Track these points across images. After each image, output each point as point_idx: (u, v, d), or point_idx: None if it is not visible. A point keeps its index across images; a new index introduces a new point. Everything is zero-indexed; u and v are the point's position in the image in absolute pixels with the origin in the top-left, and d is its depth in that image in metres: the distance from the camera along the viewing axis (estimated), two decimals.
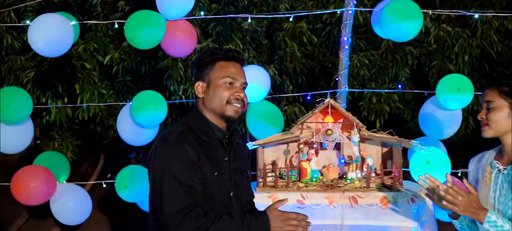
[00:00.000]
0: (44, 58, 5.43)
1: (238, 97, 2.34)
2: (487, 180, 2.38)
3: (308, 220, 2.30)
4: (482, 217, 2.22)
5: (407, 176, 3.52)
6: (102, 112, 5.47)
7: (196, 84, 2.38)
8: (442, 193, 2.23)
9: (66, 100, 5.49)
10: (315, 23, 5.94)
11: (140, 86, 5.66)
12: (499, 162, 2.38)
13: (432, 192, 2.31)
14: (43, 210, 6.89)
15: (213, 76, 2.35)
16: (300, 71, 5.74)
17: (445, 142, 3.84)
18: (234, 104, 2.33)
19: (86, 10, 5.53)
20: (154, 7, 4.69)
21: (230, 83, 2.34)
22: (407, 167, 3.51)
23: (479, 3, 5.92)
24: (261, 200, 2.90)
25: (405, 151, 3.42)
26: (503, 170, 2.33)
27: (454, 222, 2.47)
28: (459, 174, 3.74)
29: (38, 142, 6.31)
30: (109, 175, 6.51)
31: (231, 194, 2.32)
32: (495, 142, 2.45)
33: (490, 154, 2.47)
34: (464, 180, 2.29)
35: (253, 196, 2.57)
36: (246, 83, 2.42)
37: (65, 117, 5.44)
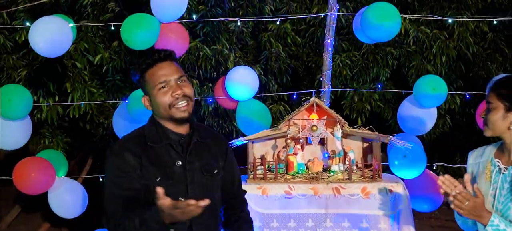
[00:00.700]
0: (35, 57, 5.65)
1: (177, 95, 2.32)
2: (487, 178, 2.48)
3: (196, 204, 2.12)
4: (485, 220, 2.32)
5: (386, 169, 3.83)
6: (92, 110, 5.70)
7: (142, 99, 2.44)
8: (451, 198, 2.31)
9: (57, 98, 5.70)
10: (299, 24, 6.24)
11: (129, 85, 5.89)
12: (499, 161, 2.47)
13: (446, 195, 2.36)
14: (33, 208, 7.12)
15: (148, 87, 2.37)
16: (285, 70, 6.03)
17: (423, 138, 4.16)
18: (178, 104, 2.32)
19: (76, 11, 5.75)
20: (143, 9, 4.96)
21: (163, 86, 2.33)
22: (387, 161, 3.81)
23: (456, 6, 6.26)
24: (252, 191, 3.18)
25: (384, 146, 3.72)
26: (504, 170, 2.43)
27: (460, 217, 2.56)
28: (434, 168, 4.06)
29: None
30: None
31: (182, 198, 2.21)
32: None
33: (490, 150, 2.57)
34: (475, 186, 2.37)
35: (234, 190, 2.62)
36: (182, 75, 2.38)
37: (56, 115, 5.66)
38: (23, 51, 5.72)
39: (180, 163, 2.35)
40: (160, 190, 2.06)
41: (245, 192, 2.68)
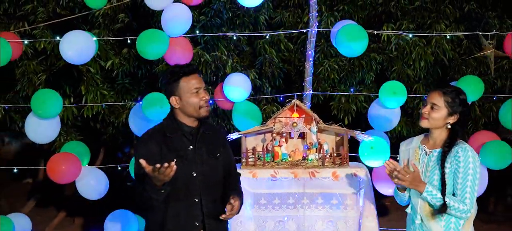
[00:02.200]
0: (53, 63, 6.72)
1: (205, 100, 3.38)
2: (416, 159, 3.54)
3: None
4: (421, 188, 3.32)
5: (357, 158, 4.88)
6: (104, 111, 6.76)
7: (171, 99, 3.39)
8: (395, 173, 3.31)
9: (72, 100, 6.77)
10: (291, 30, 7.31)
11: (137, 88, 6.99)
12: (425, 146, 3.55)
13: (390, 173, 3.35)
14: (47, 201, 8.20)
15: (182, 91, 3.34)
16: (278, 74, 7.09)
17: (391, 133, 5.20)
18: (204, 107, 3.39)
19: (89, 21, 6.82)
20: (149, 19, 6.04)
21: (196, 92, 3.36)
22: (358, 152, 4.87)
23: (435, 15, 7.31)
24: (245, 175, 4.24)
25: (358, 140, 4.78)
26: (429, 153, 3.49)
27: (401, 194, 3.62)
28: (398, 158, 5.10)
29: None
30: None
31: (194, 173, 3.33)
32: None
33: (417, 139, 3.64)
34: (412, 162, 3.43)
35: (230, 170, 3.60)
36: (205, 86, 3.44)
37: (71, 114, 6.73)
38: (41, 57, 6.80)
39: (191, 147, 3.40)
40: (143, 162, 3.00)
41: (239, 174, 3.74)
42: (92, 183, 4.98)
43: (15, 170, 5.78)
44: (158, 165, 2.99)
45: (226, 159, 3.60)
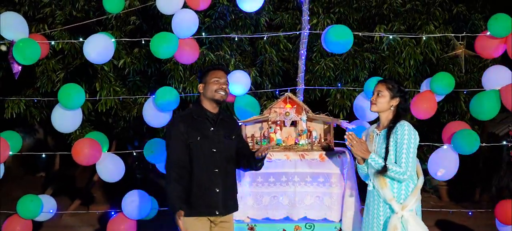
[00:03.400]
0: (70, 62, 7.76)
1: (221, 88, 4.43)
2: (371, 140, 4.67)
3: None
4: (367, 155, 4.44)
5: (344, 145, 5.86)
6: (116, 105, 7.78)
7: (199, 86, 4.54)
8: (348, 140, 4.49)
9: (87, 95, 7.78)
10: (291, 31, 8.29)
11: (147, 85, 8.02)
12: (377, 130, 4.67)
13: (350, 144, 4.52)
14: (62, 191, 9.21)
15: (207, 79, 4.48)
16: (277, 72, 8.09)
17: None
18: (220, 92, 4.42)
19: (103, 23, 7.83)
20: (158, 21, 7.01)
21: (216, 81, 4.45)
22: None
23: (426, 17, 8.28)
24: None
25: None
26: (379, 133, 4.61)
27: (359, 166, 4.71)
28: None
29: None
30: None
31: (214, 150, 4.40)
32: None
33: (373, 127, 4.78)
34: (354, 135, 4.52)
35: (245, 148, 4.71)
36: (227, 81, 4.52)
37: (87, 109, 7.75)
38: (59, 56, 7.82)
39: (212, 129, 4.47)
40: (180, 214, 4.17)
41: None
42: (110, 166, 5.99)
43: (43, 155, 6.78)
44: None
45: (241, 140, 4.78)
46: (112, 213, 6.22)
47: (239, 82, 5.94)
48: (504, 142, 8.09)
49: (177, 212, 4.16)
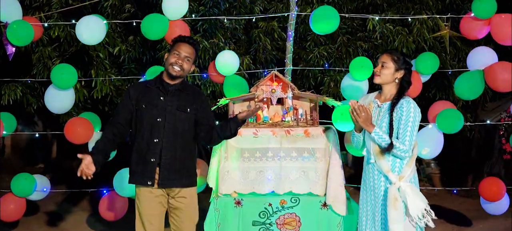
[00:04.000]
0: (66, 49, 7.99)
1: (177, 62, 4.51)
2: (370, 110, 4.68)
3: None
4: (371, 129, 4.36)
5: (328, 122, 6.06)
6: (112, 93, 8.00)
7: (165, 55, 4.66)
8: (354, 110, 4.46)
9: (83, 83, 8.02)
10: (285, 22, 8.49)
11: (142, 72, 8.23)
12: (378, 100, 4.68)
13: (352, 110, 4.47)
14: (60, 180, 9.41)
15: (171, 49, 4.58)
16: (271, 60, 8.30)
17: None
18: (174, 67, 4.51)
19: (98, 10, 8.07)
20: (153, 8, 7.23)
21: (177, 55, 4.53)
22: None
23: (419, 6, 8.47)
24: None
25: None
26: (380, 105, 4.62)
27: (357, 134, 4.73)
28: None
29: None
30: None
31: (159, 119, 4.46)
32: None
33: (372, 95, 4.79)
34: (365, 106, 4.49)
35: (207, 120, 4.70)
36: (189, 56, 4.57)
37: (82, 96, 7.98)
38: (55, 44, 8.06)
39: (162, 98, 4.55)
40: (80, 155, 4.38)
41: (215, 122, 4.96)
42: None
43: (37, 135, 7.02)
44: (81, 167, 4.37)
45: (204, 113, 4.72)
46: (104, 191, 6.43)
47: (228, 62, 6.16)
48: (488, 121, 8.26)
49: (78, 155, 4.35)
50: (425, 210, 4.39)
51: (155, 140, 4.48)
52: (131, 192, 6.18)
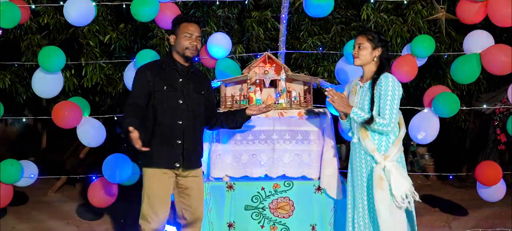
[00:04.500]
0: (55, 37, 7.81)
1: (192, 45, 4.46)
2: (354, 93, 4.70)
3: None
4: (349, 110, 4.48)
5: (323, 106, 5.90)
6: (102, 81, 7.83)
7: (170, 37, 4.54)
8: (329, 96, 4.50)
9: (73, 71, 7.84)
10: (278, 11, 8.34)
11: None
12: (360, 82, 4.70)
13: (331, 99, 4.55)
14: (50, 172, 9.23)
15: (179, 31, 4.47)
16: (264, 49, 8.13)
17: None
18: (190, 49, 4.45)
19: None
20: None
21: (188, 37, 4.44)
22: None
23: None
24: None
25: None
26: (362, 85, 4.63)
27: (342, 121, 4.78)
28: None
29: None
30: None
31: (180, 101, 4.43)
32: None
33: (355, 79, 4.82)
34: (344, 93, 4.61)
35: (211, 105, 4.82)
36: (200, 36, 4.52)
37: (72, 85, 7.79)
38: (45, 32, 7.88)
39: (181, 80, 4.53)
40: (131, 128, 4.02)
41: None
42: (91, 131, 6.01)
43: (24, 120, 6.80)
44: (137, 142, 4.04)
45: (210, 98, 4.80)
46: (93, 178, 6.24)
47: (220, 45, 5.98)
48: (485, 106, 8.14)
49: (129, 128, 4.03)
50: (410, 191, 4.37)
51: (179, 122, 4.46)
52: (120, 179, 5.99)
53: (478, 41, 5.84)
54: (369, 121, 4.40)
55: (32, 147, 11.05)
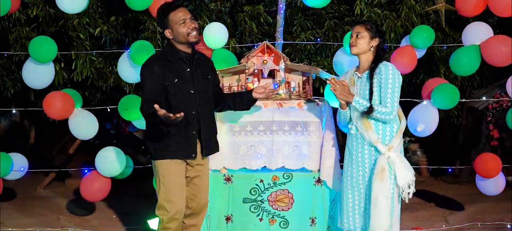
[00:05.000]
0: (44, 29, 7.59)
1: (191, 27, 4.32)
2: (352, 84, 4.62)
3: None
4: (350, 99, 4.42)
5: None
6: (93, 75, 7.61)
7: (165, 32, 4.38)
8: (331, 84, 4.41)
9: (63, 64, 7.62)
10: (270, 6, 8.20)
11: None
12: (357, 72, 4.64)
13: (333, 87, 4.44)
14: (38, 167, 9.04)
15: (172, 23, 4.31)
16: (257, 42, 7.98)
17: None
18: (192, 33, 4.32)
19: None
20: None
21: (184, 23, 4.31)
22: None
23: None
24: None
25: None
26: (360, 76, 4.57)
27: (342, 111, 4.64)
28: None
29: None
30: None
31: (192, 91, 4.35)
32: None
33: (352, 69, 4.76)
34: (345, 81, 4.50)
35: (217, 87, 4.77)
36: (191, 16, 4.37)
37: (62, 78, 7.57)
38: (34, 25, 7.66)
39: (188, 70, 4.41)
40: (157, 106, 3.89)
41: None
42: (83, 123, 5.83)
43: (13, 112, 6.59)
44: (170, 114, 3.93)
45: (215, 81, 4.75)
46: (86, 171, 6.05)
47: (216, 35, 5.82)
48: (484, 98, 8.08)
49: (154, 107, 3.92)
50: (412, 182, 4.41)
51: (193, 113, 4.39)
52: (114, 172, 5.81)
53: (477, 33, 5.76)
54: (370, 110, 4.34)
55: (20, 143, 10.83)
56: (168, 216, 4.39)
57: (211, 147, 4.57)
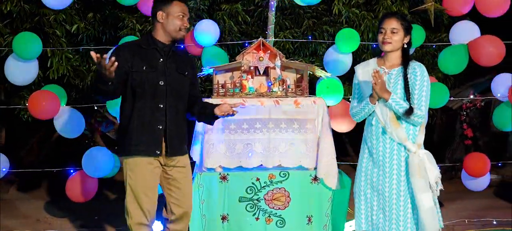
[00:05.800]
0: (19, 26, 7.30)
1: (184, 26, 4.15)
2: None
3: None
4: (387, 96, 4.12)
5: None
6: (69, 73, 7.36)
7: (158, 13, 4.09)
8: (374, 78, 4.10)
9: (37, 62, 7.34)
10: (249, 5, 8.11)
11: (101, 52, 7.62)
12: (383, 67, 4.37)
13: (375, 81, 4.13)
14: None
15: (171, 10, 4.09)
16: (237, 45, 7.88)
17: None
18: (183, 31, 4.15)
19: None
20: None
21: (182, 17, 4.13)
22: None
23: None
24: (217, 103, 4.98)
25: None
26: (388, 72, 4.31)
27: (371, 105, 4.29)
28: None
29: None
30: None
31: (162, 82, 4.06)
32: None
33: (373, 61, 4.47)
34: (380, 74, 4.19)
35: (195, 88, 4.46)
36: (189, 17, 4.23)
37: (37, 77, 7.29)
38: (7, 20, 7.35)
39: (161, 60, 4.19)
40: (93, 53, 3.71)
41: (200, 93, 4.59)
42: (70, 122, 5.60)
43: None
44: (104, 57, 3.68)
45: (193, 80, 4.45)
46: (71, 171, 5.81)
47: (207, 32, 5.69)
48: (472, 96, 8.19)
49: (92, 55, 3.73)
50: (439, 178, 4.29)
51: (160, 106, 4.11)
52: (101, 172, 5.61)
53: (465, 32, 5.80)
54: (409, 111, 4.15)
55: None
56: (133, 222, 4.12)
57: (175, 147, 4.20)
